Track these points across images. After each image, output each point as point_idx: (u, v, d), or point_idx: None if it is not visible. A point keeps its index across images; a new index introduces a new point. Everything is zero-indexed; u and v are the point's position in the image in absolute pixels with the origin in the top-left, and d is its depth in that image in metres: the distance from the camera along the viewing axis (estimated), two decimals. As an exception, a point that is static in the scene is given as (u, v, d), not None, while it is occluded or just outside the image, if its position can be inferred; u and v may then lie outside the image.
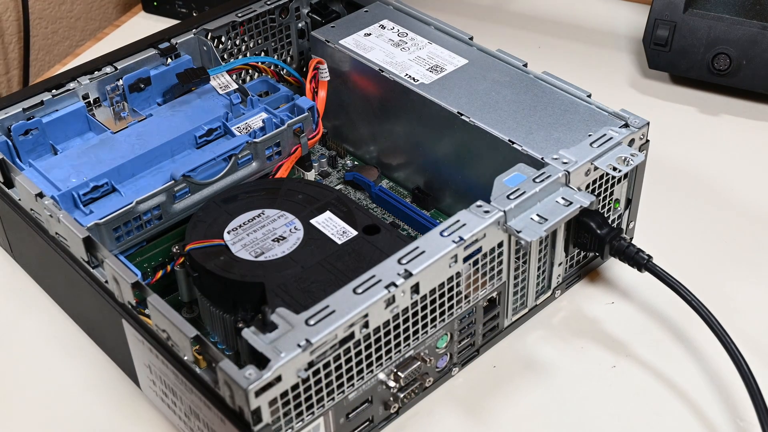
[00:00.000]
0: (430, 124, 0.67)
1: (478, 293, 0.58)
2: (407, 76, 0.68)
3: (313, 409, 0.51)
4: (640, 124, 0.61)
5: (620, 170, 0.58)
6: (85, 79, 0.69)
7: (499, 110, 0.64)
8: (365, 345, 0.52)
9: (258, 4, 0.77)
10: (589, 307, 0.65)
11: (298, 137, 0.67)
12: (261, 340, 0.48)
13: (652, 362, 0.61)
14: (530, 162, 0.60)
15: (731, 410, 0.57)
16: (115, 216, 0.60)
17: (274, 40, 0.79)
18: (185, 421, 0.55)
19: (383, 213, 0.70)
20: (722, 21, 0.80)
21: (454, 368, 0.60)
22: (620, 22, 0.95)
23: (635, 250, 0.60)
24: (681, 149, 0.78)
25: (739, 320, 0.62)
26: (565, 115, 0.63)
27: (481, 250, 0.55)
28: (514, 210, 0.56)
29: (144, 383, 0.58)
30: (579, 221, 0.60)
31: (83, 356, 0.63)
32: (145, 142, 0.66)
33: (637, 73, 0.88)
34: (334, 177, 0.74)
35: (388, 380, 0.55)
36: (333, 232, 0.60)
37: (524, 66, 0.68)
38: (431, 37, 0.72)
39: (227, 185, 0.65)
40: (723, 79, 0.81)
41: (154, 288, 0.55)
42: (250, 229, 0.61)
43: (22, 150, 0.67)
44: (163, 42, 0.72)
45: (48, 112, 0.68)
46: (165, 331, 0.53)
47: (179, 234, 0.63)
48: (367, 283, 0.51)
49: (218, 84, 0.70)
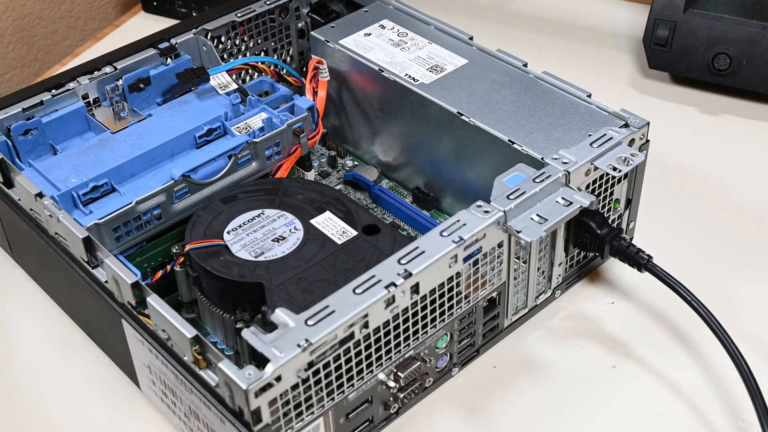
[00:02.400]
0: (430, 124, 0.67)
1: (478, 293, 0.58)
2: (407, 76, 0.68)
3: (313, 409, 0.51)
4: (640, 124, 0.61)
5: (620, 170, 0.58)
6: (85, 79, 0.69)
7: (499, 110, 0.64)
8: (365, 345, 0.52)
9: (258, 4, 0.77)
10: (589, 307, 0.65)
11: (298, 137, 0.67)
12: (261, 340, 0.48)
13: (652, 362, 0.61)
14: (530, 162, 0.60)
15: (731, 410, 0.57)
16: (114, 216, 0.60)
17: (273, 40, 0.79)
18: (185, 421, 0.55)
19: (383, 213, 0.70)
20: (722, 21, 0.79)
21: (454, 368, 0.60)
22: (620, 22, 0.95)
23: (635, 250, 0.60)
24: (681, 149, 0.78)
25: (739, 320, 0.62)
26: (565, 115, 0.63)
27: (481, 250, 0.55)
28: (514, 210, 0.56)
29: (144, 383, 0.58)
30: (579, 221, 0.60)
31: (83, 356, 0.63)
32: (145, 142, 0.66)
33: (637, 73, 0.88)
34: (334, 177, 0.74)
35: (388, 380, 0.55)
36: (333, 232, 0.60)
37: (524, 66, 0.68)
38: (431, 37, 0.72)
39: (227, 185, 0.65)
40: (723, 79, 0.81)
41: (154, 288, 0.55)
42: (250, 229, 0.61)
43: (22, 150, 0.67)
44: (162, 42, 0.72)
45: (48, 112, 0.68)
46: (165, 331, 0.53)
47: (179, 234, 0.63)
48: (367, 283, 0.51)
49: (218, 84, 0.70)
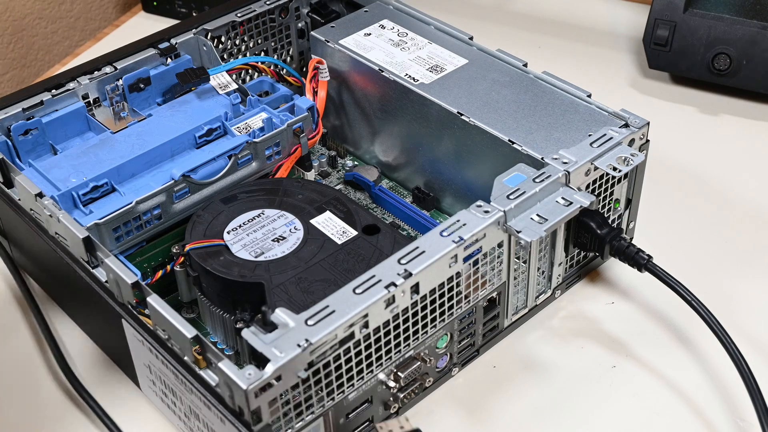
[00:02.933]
0: (430, 124, 0.67)
1: (478, 293, 0.58)
2: (407, 76, 0.68)
3: (313, 409, 0.51)
4: (640, 124, 0.61)
5: (620, 170, 0.58)
6: (85, 79, 0.69)
7: (499, 110, 0.64)
8: (365, 345, 0.52)
9: (258, 4, 0.77)
10: (589, 307, 0.65)
11: (298, 137, 0.67)
12: (261, 340, 0.48)
13: (652, 362, 0.61)
14: (530, 162, 0.60)
15: (731, 410, 0.57)
16: (114, 216, 0.60)
17: (273, 40, 0.79)
18: (185, 421, 0.55)
19: (383, 213, 0.70)
20: (722, 21, 0.79)
21: (454, 368, 0.60)
22: (620, 22, 0.95)
23: (635, 250, 0.60)
24: (681, 149, 0.78)
25: (739, 320, 0.62)
26: (565, 115, 0.63)
27: (481, 250, 0.55)
28: (514, 210, 0.56)
29: (144, 383, 0.58)
30: (579, 221, 0.60)
31: (83, 356, 0.63)
32: (145, 142, 0.66)
33: (637, 73, 0.88)
34: (334, 177, 0.74)
35: (388, 380, 0.55)
36: (333, 232, 0.60)
37: (524, 66, 0.68)
38: (431, 37, 0.72)
39: (227, 185, 0.65)
40: (723, 79, 0.81)
41: (154, 288, 0.55)
42: (250, 229, 0.61)
43: (22, 150, 0.67)
44: (162, 42, 0.72)
45: (48, 112, 0.68)
46: (165, 331, 0.53)
47: (179, 234, 0.63)
48: (367, 283, 0.51)
49: (218, 84, 0.70)
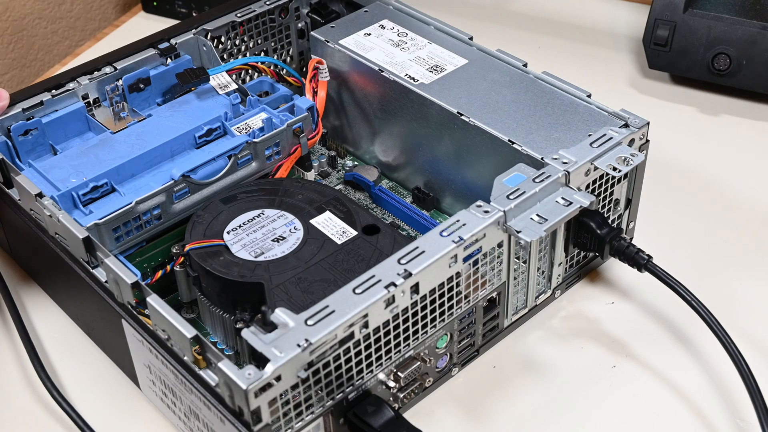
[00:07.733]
0: (430, 124, 0.67)
1: (478, 293, 0.58)
2: (407, 76, 0.68)
3: (313, 409, 0.51)
4: (640, 124, 0.61)
5: (620, 170, 0.58)
6: (85, 79, 0.69)
7: (498, 110, 0.64)
8: (365, 345, 0.52)
9: (258, 4, 0.77)
10: (589, 307, 0.65)
11: (298, 137, 0.67)
12: (261, 340, 0.48)
13: (652, 362, 0.61)
14: (530, 162, 0.60)
15: (731, 410, 0.57)
16: (114, 216, 0.60)
17: (273, 40, 0.79)
18: (185, 421, 0.55)
19: (383, 213, 0.70)
20: (722, 21, 0.79)
21: (454, 368, 0.60)
22: (620, 22, 0.95)
23: (635, 250, 0.60)
24: (681, 149, 0.78)
25: (739, 320, 0.62)
26: (565, 115, 0.63)
27: (481, 250, 0.55)
28: (514, 210, 0.56)
29: (144, 383, 0.58)
30: (579, 221, 0.60)
31: (83, 356, 0.63)
32: (145, 142, 0.66)
33: (637, 73, 0.88)
34: (334, 177, 0.74)
35: (388, 380, 0.55)
36: (333, 232, 0.60)
37: (524, 66, 0.68)
38: (431, 37, 0.72)
39: (227, 185, 0.65)
40: (723, 79, 0.81)
41: (154, 288, 0.55)
42: (250, 229, 0.61)
43: (22, 150, 0.67)
44: (162, 42, 0.72)
45: (47, 113, 0.68)
46: (165, 331, 0.53)
47: (179, 234, 0.63)
48: (366, 283, 0.51)
49: (218, 84, 0.70)
